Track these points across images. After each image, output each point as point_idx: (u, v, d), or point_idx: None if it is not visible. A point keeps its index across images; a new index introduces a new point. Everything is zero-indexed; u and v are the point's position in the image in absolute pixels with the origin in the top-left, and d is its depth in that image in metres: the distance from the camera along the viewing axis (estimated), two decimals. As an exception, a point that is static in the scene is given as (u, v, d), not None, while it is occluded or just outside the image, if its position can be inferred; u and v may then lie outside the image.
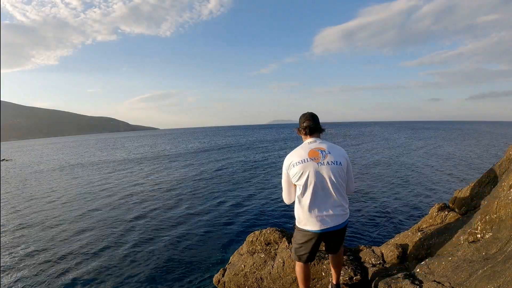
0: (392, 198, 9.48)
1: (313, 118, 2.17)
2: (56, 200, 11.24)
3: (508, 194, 2.16)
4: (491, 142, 30.94)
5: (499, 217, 2.14)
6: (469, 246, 2.20)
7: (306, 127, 2.15)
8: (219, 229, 7.28)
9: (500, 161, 2.94)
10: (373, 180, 12.38)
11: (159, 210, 9.16)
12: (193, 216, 8.35)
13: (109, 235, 7.15)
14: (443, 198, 9.20)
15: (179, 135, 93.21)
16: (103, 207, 9.85)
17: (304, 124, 2.17)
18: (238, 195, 10.74)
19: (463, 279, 1.89)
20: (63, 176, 17.64)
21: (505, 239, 1.96)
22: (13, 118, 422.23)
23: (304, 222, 2.04)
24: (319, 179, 1.96)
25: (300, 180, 2.00)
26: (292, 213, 2.17)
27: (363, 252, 3.15)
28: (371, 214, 7.85)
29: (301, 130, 2.20)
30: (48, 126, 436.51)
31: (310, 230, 2.03)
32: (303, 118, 2.19)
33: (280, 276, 3.00)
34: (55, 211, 9.64)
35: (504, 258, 1.77)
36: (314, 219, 1.98)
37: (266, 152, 26.89)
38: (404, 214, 7.94)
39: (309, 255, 2.16)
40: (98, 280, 5.06)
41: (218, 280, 3.48)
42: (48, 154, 39.38)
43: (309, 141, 2.14)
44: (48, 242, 6.91)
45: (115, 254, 6.08)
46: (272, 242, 3.60)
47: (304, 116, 2.19)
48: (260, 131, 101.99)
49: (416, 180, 12.17)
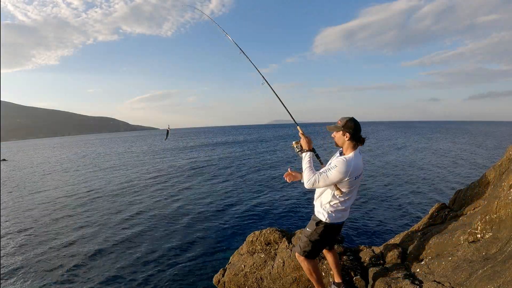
0: (392, 198, 9.48)
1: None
2: (55, 201, 11.24)
3: (508, 194, 2.16)
4: (491, 142, 30.94)
5: (499, 217, 2.14)
6: (469, 246, 2.20)
7: (363, 139, 2.16)
8: (219, 229, 7.28)
9: (500, 161, 2.93)
10: (373, 180, 12.38)
11: (158, 210, 9.16)
12: (193, 216, 8.35)
13: (108, 234, 7.15)
14: (443, 198, 9.20)
15: (178, 136, 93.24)
16: (103, 207, 9.85)
17: (360, 134, 2.15)
18: (238, 195, 10.74)
19: (463, 279, 1.89)
20: (63, 176, 17.64)
21: (505, 239, 1.96)
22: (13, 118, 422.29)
23: (339, 216, 2.26)
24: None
25: (351, 188, 2.17)
26: (292, 213, 2.18)
27: (363, 252, 3.15)
28: (371, 214, 7.85)
29: (354, 136, 2.13)
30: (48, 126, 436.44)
31: (340, 222, 2.29)
32: (357, 126, 2.14)
33: (280, 276, 3.00)
34: (55, 211, 9.64)
35: (504, 258, 1.77)
36: (346, 213, 2.30)
37: (266, 152, 26.88)
38: (404, 214, 7.94)
39: (325, 247, 2.44)
40: (97, 280, 5.05)
41: (218, 280, 3.48)
42: (48, 154, 39.41)
43: (359, 151, 2.18)
44: (48, 242, 6.91)
45: (115, 253, 6.08)
46: (272, 242, 3.60)
47: (358, 124, 2.14)
48: (260, 130, 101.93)
49: (416, 180, 12.17)
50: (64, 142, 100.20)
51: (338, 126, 2.17)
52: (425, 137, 39.97)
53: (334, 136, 2.22)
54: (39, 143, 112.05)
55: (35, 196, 12.37)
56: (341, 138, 2.17)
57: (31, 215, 9.36)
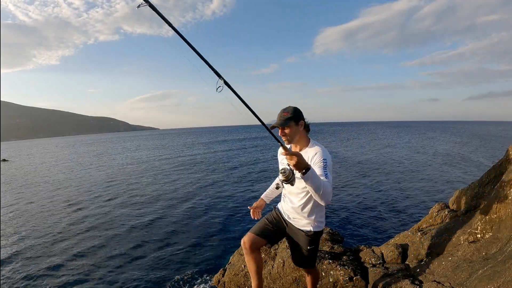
0: (392, 198, 9.48)
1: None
2: (55, 200, 11.25)
3: (508, 194, 2.16)
4: (491, 142, 30.94)
5: (499, 217, 2.14)
6: (469, 246, 2.20)
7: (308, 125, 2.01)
8: (219, 229, 7.28)
9: (500, 161, 2.94)
10: (373, 180, 12.38)
11: (158, 210, 9.16)
12: (192, 216, 8.35)
13: (108, 233, 7.15)
14: (443, 198, 9.20)
15: (179, 135, 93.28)
16: (102, 206, 9.85)
17: (306, 120, 1.98)
18: (238, 195, 10.74)
19: (463, 279, 1.89)
20: (64, 176, 17.65)
21: (505, 239, 1.96)
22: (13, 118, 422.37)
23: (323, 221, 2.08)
24: None
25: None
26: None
27: (363, 252, 3.15)
28: (371, 214, 7.85)
29: (304, 125, 1.95)
30: (49, 126, 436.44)
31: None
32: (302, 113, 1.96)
33: (280, 276, 3.00)
34: (56, 212, 9.64)
35: (504, 258, 1.77)
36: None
37: (265, 152, 26.90)
38: (404, 214, 7.94)
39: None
40: (97, 280, 5.06)
41: (218, 280, 3.48)
42: (49, 154, 39.42)
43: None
44: (48, 242, 6.91)
45: (114, 253, 6.07)
46: (272, 242, 3.59)
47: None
48: (260, 130, 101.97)
49: (416, 180, 12.17)
50: (65, 142, 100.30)
51: (289, 117, 1.87)
52: (425, 137, 39.98)
53: (287, 131, 1.87)
54: (39, 143, 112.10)
55: (35, 196, 12.37)
56: (296, 130, 1.89)
57: (31, 215, 9.36)
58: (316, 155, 1.80)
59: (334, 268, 2.77)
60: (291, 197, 2.06)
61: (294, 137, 1.90)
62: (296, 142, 1.94)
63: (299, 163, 1.50)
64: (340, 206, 8.44)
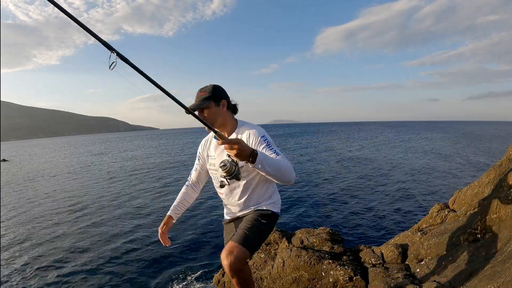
0: (392, 198, 9.48)
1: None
2: (55, 200, 11.25)
3: (508, 194, 2.16)
4: (491, 142, 30.94)
5: (499, 217, 2.14)
6: (469, 246, 2.20)
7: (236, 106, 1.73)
8: (219, 228, 7.28)
9: (500, 161, 2.94)
10: (373, 180, 12.38)
11: (158, 209, 9.16)
12: (192, 216, 8.35)
13: (108, 233, 7.15)
14: (443, 198, 9.20)
15: (178, 135, 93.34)
16: (103, 206, 9.85)
17: (231, 99, 1.69)
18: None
19: (463, 279, 1.89)
20: (63, 177, 17.65)
21: (505, 239, 1.96)
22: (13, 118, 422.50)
23: (279, 204, 1.82)
24: None
25: None
26: (292, 213, 2.16)
27: (363, 252, 3.15)
28: (371, 214, 7.84)
29: (229, 106, 1.67)
30: (49, 126, 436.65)
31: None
32: (224, 90, 1.67)
33: (280, 276, 3.00)
34: (55, 211, 9.64)
35: (504, 258, 1.77)
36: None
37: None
38: (404, 214, 7.94)
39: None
40: (96, 280, 5.05)
41: (218, 280, 3.48)
42: (49, 154, 39.42)
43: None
44: (48, 242, 6.91)
45: (114, 252, 6.07)
46: (272, 242, 3.60)
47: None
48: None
49: (416, 180, 12.17)
50: (65, 142, 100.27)
51: (206, 96, 1.57)
52: (424, 137, 39.97)
53: (206, 114, 1.58)
54: (39, 143, 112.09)
55: (35, 196, 12.37)
56: (217, 112, 1.60)
57: (31, 215, 9.36)
58: (251, 136, 1.55)
59: (334, 268, 2.76)
60: (235, 192, 1.76)
61: (216, 120, 1.61)
62: (221, 126, 1.65)
63: (242, 150, 1.21)
64: (340, 206, 8.44)
